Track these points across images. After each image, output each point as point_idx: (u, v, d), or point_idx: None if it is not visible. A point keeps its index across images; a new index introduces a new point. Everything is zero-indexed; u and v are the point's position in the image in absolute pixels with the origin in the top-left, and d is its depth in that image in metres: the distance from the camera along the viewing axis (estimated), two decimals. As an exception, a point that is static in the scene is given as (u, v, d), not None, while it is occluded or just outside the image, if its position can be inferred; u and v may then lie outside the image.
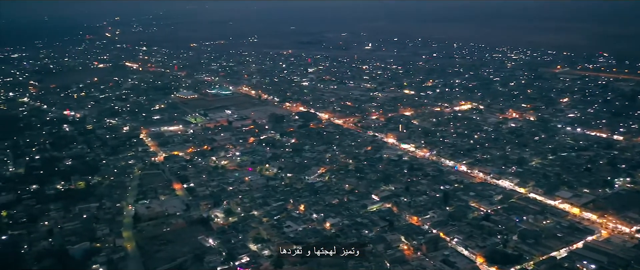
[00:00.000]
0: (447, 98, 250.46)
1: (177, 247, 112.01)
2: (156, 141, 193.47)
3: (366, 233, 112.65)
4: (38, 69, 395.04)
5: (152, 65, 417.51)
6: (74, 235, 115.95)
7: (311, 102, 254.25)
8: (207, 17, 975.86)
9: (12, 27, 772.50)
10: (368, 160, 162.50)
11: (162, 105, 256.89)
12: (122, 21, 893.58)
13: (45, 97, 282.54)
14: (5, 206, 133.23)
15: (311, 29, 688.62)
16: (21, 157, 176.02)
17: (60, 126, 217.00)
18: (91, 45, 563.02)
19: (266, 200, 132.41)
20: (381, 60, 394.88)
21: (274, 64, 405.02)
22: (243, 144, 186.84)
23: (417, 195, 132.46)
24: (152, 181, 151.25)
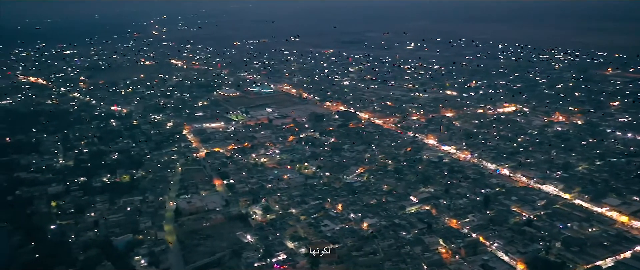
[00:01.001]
0: (491, 100, 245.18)
1: (216, 242, 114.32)
2: (198, 137, 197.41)
3: (404, 234, 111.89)
4: (88, 65, 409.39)
5: (196, 62, 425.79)
6: (118, 227, 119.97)
7: (351, 101, 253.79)
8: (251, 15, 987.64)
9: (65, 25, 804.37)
10: (407, 161, 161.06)
11: (205, 102, 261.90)
12: (169, 20, 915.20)
13: (94, 92, 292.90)
14: (55, 197, 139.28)
15: (353, 28, 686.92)
16: (71, 150, 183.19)
17: (107, 121, 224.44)
18: (138, 43, 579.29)
19: (304, 198, 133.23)
20: (423, 60, 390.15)
21: (315, 62, 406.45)
22: (283, 142, 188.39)
23: (457, 198, 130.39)
24: (194, 176, 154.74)
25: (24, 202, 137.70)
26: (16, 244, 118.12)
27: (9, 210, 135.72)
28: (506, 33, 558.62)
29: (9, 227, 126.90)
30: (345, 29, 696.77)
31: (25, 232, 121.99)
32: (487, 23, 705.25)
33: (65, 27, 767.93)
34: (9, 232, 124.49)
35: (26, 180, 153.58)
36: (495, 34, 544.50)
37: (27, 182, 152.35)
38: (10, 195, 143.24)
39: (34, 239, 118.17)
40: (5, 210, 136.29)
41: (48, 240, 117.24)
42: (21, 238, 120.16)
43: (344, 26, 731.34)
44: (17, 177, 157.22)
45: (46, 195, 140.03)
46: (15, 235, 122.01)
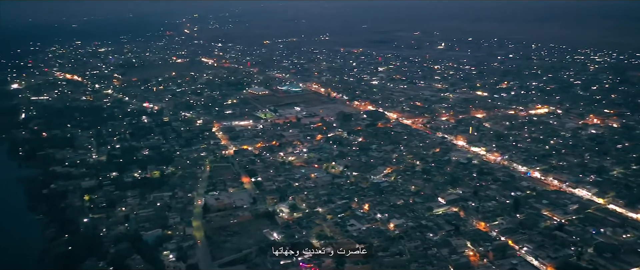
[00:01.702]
0: (523, 101, 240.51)
1: (243, 238, 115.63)
2: (227, 135, 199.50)
3: (431, 236, 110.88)
4: (122, 63, 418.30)
5: (227, 61, 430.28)
6: (148, 221, 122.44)
7: (380, 101, 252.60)
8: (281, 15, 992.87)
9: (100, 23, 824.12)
10: (436, 162, 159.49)
11: (234, 101, 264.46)
12: (200, 18, 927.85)
13: (127, 89, 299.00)
14: (88, 191, 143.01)
15: (383, 28, 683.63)
16: (103, 146, 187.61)
17: (139, 117, 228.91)
18: (170, 41, 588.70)
19: (331, 197, 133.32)
20: (454, 61, 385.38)
21: (344, 62, 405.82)
22: (310, 140, 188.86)
23: (485, 201, 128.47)
24: (222, 174, 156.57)
25: (59, 195, 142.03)
26: (50, 236, 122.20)
27: (44, 203, 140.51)
28: (540, 33, 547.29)
29: (44, 220, 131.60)
30: (375, 28, 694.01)
31: (59, 225, 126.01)
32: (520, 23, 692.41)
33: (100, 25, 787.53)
34: (44, 224, 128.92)
35: (61, 174, 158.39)
36: (529, 34, 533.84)
37: (61, 176, 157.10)
38: (46, 189, 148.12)
39: (67, 231, 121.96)
40: (41, 203, 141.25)
41: (81, 233, 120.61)
42: (55, 230, 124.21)
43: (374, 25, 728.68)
44: (53, 171, 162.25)
45: (79, 189, 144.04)
46: (50, 228, 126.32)
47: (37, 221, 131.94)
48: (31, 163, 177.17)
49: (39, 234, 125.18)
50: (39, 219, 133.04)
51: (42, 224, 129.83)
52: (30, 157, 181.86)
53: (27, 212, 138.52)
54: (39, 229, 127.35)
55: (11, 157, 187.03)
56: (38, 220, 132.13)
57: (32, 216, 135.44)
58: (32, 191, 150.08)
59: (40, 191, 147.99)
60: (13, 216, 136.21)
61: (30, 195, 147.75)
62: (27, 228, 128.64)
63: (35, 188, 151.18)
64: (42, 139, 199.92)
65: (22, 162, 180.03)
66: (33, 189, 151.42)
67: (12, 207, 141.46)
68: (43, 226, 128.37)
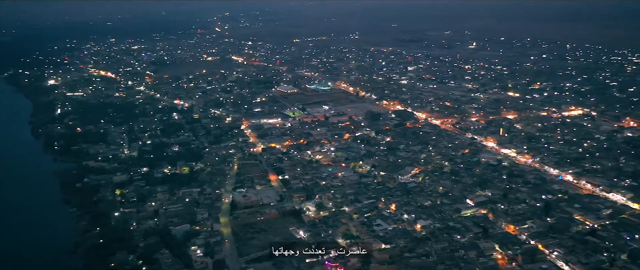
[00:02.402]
0: (556, 102, 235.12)
1: (270, 236, 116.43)
2: (256, 133, 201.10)
3: (458, 238, 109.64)
4: (154, 60, 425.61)
5: (256, 59, 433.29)
6: (177, 217, 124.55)
7: (409, 101, 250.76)
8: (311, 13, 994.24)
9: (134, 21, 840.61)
10: (465, 163, 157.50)
11: (263, 98, 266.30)
12: (231, 17, 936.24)
13: (158, 86, 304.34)
14: (120, 185, 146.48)
15: (413, 27, 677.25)
16: (135, 141, 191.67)
17: (170, 114, 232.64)
18: (202, 39, 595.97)
19: (358, 197, 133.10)
20: (485, 60, 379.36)
21: (373, 61, 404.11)
22: (338, 139, 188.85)
23: (515, 203, 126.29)
24: (250, 171, 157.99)
25: (91, 189, 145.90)
26: (83, 229, 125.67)
27: (78, 196, 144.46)
28: (575, 33, 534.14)
29: (77, 212, 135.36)
30: (405, 27, 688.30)
31: (92, 218, 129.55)
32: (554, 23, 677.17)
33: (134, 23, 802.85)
34: (77, 217, 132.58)
35: (94, 169, 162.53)
36: (563, 34, 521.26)
37: (94, 170, 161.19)
38: (79, 183, 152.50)
39: (99, 224, 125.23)
40: (74, 196, 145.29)
41: (112, 227, 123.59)
42: (87, 223, 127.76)
43: (404, 24, 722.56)
44: (86, 165, 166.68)
45: (111, 184, 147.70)
46: (83, 220, 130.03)
47: (71, 214, 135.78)
48: (66, 157, 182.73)
49: (73, 226, 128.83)
50: (73, 211, 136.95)
51: (75, 216, 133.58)
52: (65, 151, 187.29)
53: (61, 205, 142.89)
54: (72, 221, 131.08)
55: (47, 151, 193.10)
56: (71, 213, 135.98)
57: (66, 209, 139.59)
58: (66, 184, 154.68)
59: (74, 185, 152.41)
60: (48, 208, 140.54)
61: (65, 189, 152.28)
62: (61, 220, 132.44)
63: (69, 181, 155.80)
64: (76, 134, 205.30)
65: (57, 156, 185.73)
66: (67, 182, 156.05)
67: (48, 200, 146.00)
68: (76, 219, 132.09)
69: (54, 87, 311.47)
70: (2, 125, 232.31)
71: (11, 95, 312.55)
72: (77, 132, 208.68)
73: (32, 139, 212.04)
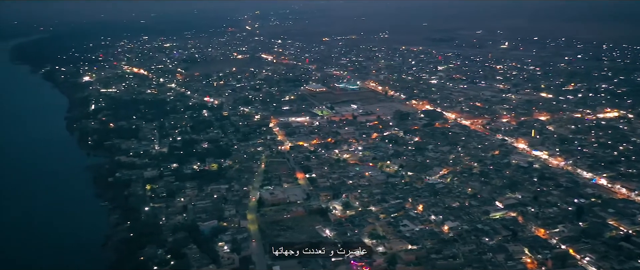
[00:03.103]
0: (590, 104, 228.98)
1: (296, 233, 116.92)
2: (284, 131, 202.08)
3: (486, 240, 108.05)
4: (185, 58, 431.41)
5: (286, 57, 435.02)
6: (205, 212, 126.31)
7: (438, 100, 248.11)
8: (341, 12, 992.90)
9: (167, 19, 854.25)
10: (494, 164, 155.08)
11: (292, 97, 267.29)
12: (262, 15, 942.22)
13: (189, 84, 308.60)
14: (150, 180, 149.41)
15: (444, 26, 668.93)
16: (166, 138, 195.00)
17: (200, 111, 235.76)
18: (232, 38, 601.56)
19: (385, 197, 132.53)
20: (517, 60, 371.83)
21: (403, 60, 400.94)
22: (366, 139, 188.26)
23: (546, 207, 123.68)
24: (277, 169, 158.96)
25: (123, 183, 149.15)
26: (114, 222, 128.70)
27: (110, 190, 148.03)
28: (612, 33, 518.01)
29: (109, 206, 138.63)
30: (436, 26, 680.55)
31: (123, 212, 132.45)
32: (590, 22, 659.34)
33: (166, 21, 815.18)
34: (108, 211, 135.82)
35: (125, 164, 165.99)
36: (600, 34, 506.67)
37: (126, 165, 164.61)
38: (111, 177, 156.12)
39: (130, 218, 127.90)
40: (106, 190, 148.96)
41: (142, 221, 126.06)
42: (118, 217, 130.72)
43: (435, 23, 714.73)
44: (118, 160, 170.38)
45: (142, 179, 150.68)
46: (114, 214, 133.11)
47: (103, 207, 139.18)
48: (99, 152, 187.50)
49: (104, 219, 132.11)
50: (104, 205, 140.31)
51: (107, 210, 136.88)
52: (98, 146, 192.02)
53: (93, 198, 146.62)
54: (104, 215, 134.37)
55: (81, 146, 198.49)
56: (103, 207, 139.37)
57: (98, 202, 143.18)
58: (98, 179, 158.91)
59: (106, 179, 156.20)
60: (81, 202, 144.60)
61: (97, 183, 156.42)
62: (94, 213, 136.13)
63: (102, 176, 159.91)
64: (109, 130, 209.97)
65: (91, 151, 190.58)
66: (100, 176, 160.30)
67: (81, 193, 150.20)
68: (108, 212, 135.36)
69: (88, 84, 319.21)
70: (40, 120, 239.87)
71: (48, 91, 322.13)
72: (110, 127, 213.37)
73: (67, 134, 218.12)
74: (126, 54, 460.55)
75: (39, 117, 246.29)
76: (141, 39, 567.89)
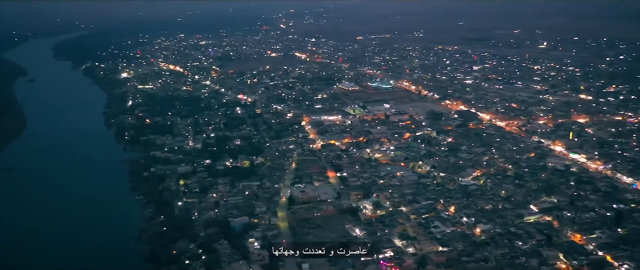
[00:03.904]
0: (632, 106, 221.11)
1: (326, 232, 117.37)
2: (316, 129, 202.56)
3: (520, 245, 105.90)
4: (220, 55, 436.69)
5: (319, 56, 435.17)
6: (236, 209, 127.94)
7: (473, 101, 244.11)
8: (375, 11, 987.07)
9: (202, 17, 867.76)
10: (530, 167, 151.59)
11: (324, 95, 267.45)
12: (296, 13, 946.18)
13: (223, 81, 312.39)
14: (183, 176, 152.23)
15: (480, 25, 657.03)
16: (200, 134, 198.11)
17: (233, 108, 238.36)
18: (266, 36, 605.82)
19: (416, 197, 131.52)
20: (556, 61, 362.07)
21: (437, 59, 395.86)
22: (398, 138, 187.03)
23: (583, 211, 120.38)
24: (309, 167, 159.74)
25: (157, 178, 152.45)
26: (148, 216, 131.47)
27: (145, 184, 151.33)
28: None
29: (143, 200, 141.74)
30: (472, 25, 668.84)
31: (156, 206, 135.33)
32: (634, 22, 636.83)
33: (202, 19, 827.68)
34: (143, 205, 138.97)
35: (160, 159, 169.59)
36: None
37: (160, 160, 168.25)
38: (146, 172, 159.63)
39: (163, 213, 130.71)
40: (141, 184, 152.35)
41: (175, 216, 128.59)
42: (152, 211, 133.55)
43: (471, 23, 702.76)
44: (153, 155, 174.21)
45: (176, 174, 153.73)
46: (148, 208, 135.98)
47: (137, 201, 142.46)
48: (135, 147, 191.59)
49: (138, 213, 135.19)
50: (139, 199, 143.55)
51: (141, 204, 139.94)
52: (134, 141, 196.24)
53: (129, 192, 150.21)
54: (139, 209, 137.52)
55: (118, 141, 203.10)
56: (138, 201, 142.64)
57: (133, 196, 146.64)
58: (134, 173, 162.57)
59: (141, 173, 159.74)
60: (117, 195, 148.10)
61: (133, 177, 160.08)
62: (129, 207, 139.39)
63: (137, 170, 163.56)
64: (145, 125, 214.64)
65: (127, 146, 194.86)
66: (135, 171, 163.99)
67: (117, 187, 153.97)
68: (142, 206, 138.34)
69: (126, 80, 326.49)
70: (80, 115, 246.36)
71: (88, 86, 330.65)
72: (146, 123, 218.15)
73: (105, 128, 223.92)
74: (163, 51, 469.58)
75: (79, 112, 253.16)
76: (178, 37, 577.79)
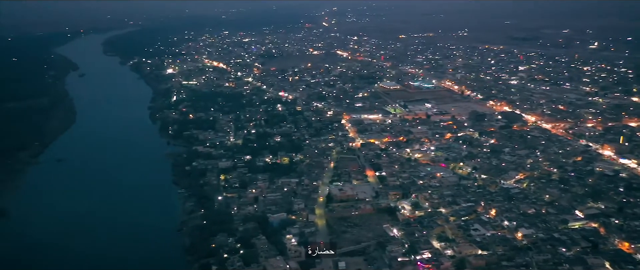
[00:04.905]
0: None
1: (363, 231, 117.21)
2: (355, 127, 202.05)
3: (563, 251, 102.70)
4: (263, 52, 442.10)
5: (361, 54, 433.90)
6: (275, 205, 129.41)
7: (518, 102, 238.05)
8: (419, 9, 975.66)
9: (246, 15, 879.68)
10: (576, 171, 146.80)
11: (365, 94, 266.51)
12: (339, 11, 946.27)
13: (265, 78, 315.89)
14: (224, 171, 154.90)
15: (528, 24, 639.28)
16: (241, 130, 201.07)
17: (274, 106, 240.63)
18: (309, 33, 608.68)
19: (456, 199, 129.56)
20: (607, 62, 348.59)
21: (481, 59, 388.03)
22: (439, 139, 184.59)
23: (632, 219, 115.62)
24: (347, 165, 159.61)
25: (199, 173, 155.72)
26: (189, 209, 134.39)
27: (186, 178, 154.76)
28: None
29: (185, 194, 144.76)
30: (519, 24, 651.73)
31: (197, 200, 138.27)
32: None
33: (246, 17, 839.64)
34: (184, 198, 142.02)
35: (202, 154, 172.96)
36: None
37: (202, 155, 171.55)
38: (188, 166, 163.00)
39: (204, 206, 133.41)
40: (183, 178, 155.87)
41: (214, 209, 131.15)
42: (193, 204, 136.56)
43: (518, 22, 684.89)
44: (195, 150, 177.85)
45: (217, 169, 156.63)
46: (189, 201, 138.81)
47: (179, 194, 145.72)
48: (178, 141, 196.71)
49: (180, 205, 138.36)
50: (181, 192, 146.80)
51: (183, 197, 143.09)
52: (177, 135, 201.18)
53: (171, 185, 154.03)
54: (180, 202, 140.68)
55: (162, 135, 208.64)
56: (180, 194, 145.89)
57: (175, 189, 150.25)
58: (177, 167, 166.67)
59: (183, 167, 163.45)
60: (160, 188, 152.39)
61: (175, 171, 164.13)
62: (170, 199, 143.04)
63: (180, 164, 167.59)
64: (188, 120, 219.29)
65: (171, 140, 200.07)
66: (178, 164, 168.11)
67: (160, 180, 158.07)
68: (183, 199, 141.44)
69: (171, 76, 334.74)
70: (126, 109, 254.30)
71: (135, 82, 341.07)
72: (189, 118, 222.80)
73: (150, 122, 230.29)
74: (207, 48, 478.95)
75: (126, 106, 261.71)
76: (222, 34, 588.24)
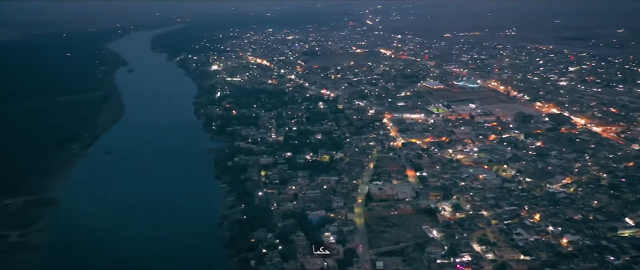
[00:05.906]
0: None
1: (402, 231, 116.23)
2: (397, 127, 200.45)
3: (611, 259, 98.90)
4: (306, 50, 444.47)
5: (404, 53, 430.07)
6: (314, 202, 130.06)
7: (566, 104, 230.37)
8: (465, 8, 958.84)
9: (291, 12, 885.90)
10: (627, 177, 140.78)
11: (408, 93, 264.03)
12: (383, 10, 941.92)
13: (308, 76, 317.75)
14: (265, 167, 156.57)
15: (579, 24, 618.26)
16: (282, 127, 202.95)
17: (316, 103, 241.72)
18: (352, 31, 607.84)
19: (498, 202, 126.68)
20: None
21: (529, 59, 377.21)
22: (482, 140, 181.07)
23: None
24: (388, 164, 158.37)
25: (240, 168, 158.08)
26: (230, 204, 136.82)
27: (228, 173, 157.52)
28: None
29: (227, 188, 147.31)
30: (570, 24, 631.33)
31: (238, 195, 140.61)
32: None
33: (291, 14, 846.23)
34: (226, 192, 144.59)
35: (244, 150, 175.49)
36: None
37: (244, 151, 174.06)
38: (230, 161, 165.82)
39: (244, 201, 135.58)
40: (225, 173, 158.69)
41: (255, 205, 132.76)
42: (234, 199, 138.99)
43: (569, 21, 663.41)
44: (237, 146, 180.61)
45: (258, 165, 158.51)
46: (230, 196, 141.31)
47: (221, 189, 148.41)
48: (221, 137, 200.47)
49: (221, 200, 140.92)
50: (223, 187, 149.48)
51: (224, 191, 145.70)
52: (220, 131, 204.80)
53: (213, 179, 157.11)
54: (221, 196, 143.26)
55: (206, 130, 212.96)
56: (221, 188, 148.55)
57: (217, 184, 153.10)
58: (219, 162, 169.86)
59: (225, 162, 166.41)
60: (202, 182, 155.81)
61: (218, 165, 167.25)
62: (212, 193, 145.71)
63: (222, 159, 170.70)
64: (231, 117, 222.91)
65: (214, 135, 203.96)
66: (220, 159, 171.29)
67: (203, 174, 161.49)
68: (225, 194, 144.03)
69: (216, 72, 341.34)
70: (172, 105, 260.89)
71: (181, 77, 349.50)
72: (232, 114, 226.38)
73: (194, 118, 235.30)
74: (251, 45, 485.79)
75: (171, 101, 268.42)
76: (266, 31, 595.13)
